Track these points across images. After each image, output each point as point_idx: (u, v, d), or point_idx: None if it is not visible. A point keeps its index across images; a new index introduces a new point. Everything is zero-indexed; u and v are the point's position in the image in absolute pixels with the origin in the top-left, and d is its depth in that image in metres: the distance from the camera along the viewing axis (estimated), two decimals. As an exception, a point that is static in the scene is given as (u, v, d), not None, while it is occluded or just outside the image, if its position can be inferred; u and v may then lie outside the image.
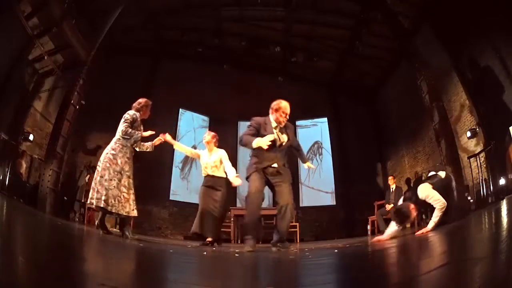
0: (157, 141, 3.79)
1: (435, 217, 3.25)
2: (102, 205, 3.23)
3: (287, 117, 3.35)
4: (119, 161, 3.40)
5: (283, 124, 3.33)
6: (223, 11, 8.30)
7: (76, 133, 6.79)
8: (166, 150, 9.25)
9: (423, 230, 3.29)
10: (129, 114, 3.63)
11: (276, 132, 3.26)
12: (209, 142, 4.34)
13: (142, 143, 3.72)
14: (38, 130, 7.18)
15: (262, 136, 3.15)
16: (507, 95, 5.41)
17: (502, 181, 5.27)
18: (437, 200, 3.29)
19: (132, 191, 3.46)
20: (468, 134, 6.27)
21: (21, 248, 1.30)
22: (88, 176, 7.19)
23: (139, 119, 3.68)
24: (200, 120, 9.86)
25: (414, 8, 7.20)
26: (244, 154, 9.68)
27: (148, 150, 3.79)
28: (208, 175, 4.26)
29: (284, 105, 3.34)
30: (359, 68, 9.74)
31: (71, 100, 6.06)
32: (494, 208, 4.36)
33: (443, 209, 3.23)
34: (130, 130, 3.52)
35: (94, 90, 7.20)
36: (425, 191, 3.44)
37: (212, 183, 4.20)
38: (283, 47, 9.09)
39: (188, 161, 9.36)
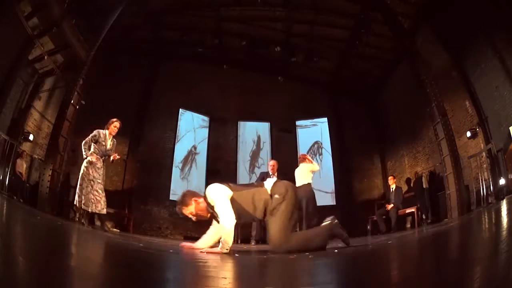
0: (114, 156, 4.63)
1: (222, 236, 2.31)
2: (82, 207, 4.29)
3: (273, 168, 5.66)
4: (90, 171, 4.39)
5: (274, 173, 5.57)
6: (223, 11, 8.30)
7: (76, 133, 6.79)
8: (166, 151, 9.31)
9: (213, 250, 2.38)
10: (93, 132, 4.53)
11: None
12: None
13: (109, 157, 4.59)
14: (38, 130, 7.18)
15: None
16: (507, 95, 5.42)
17: (502, 181, 5.27)
18: (220, 214, 2.33)
19: (103, 194, 4.42)
20: (468, 134, 6.27)
21: (21, 248, 1.30)
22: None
23: (105, 136, 4.56)
24: (200, 120, 9.85)
25: (414, 8, 7.21)
26: (244, 155, 9.70)
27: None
28: None
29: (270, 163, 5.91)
30: (359, 68, 9.74)
31: (71, 100, 6.06)
32: (494, 208, 4.36)
33: (229, 228, 2.28)
34: (84, 147, 4.42)
35: (94, 90, 7.20)
36: (213, 194, 2.42)
37: None
38: (283, 47, 9.09)
39: (188, 161, 9.35)
